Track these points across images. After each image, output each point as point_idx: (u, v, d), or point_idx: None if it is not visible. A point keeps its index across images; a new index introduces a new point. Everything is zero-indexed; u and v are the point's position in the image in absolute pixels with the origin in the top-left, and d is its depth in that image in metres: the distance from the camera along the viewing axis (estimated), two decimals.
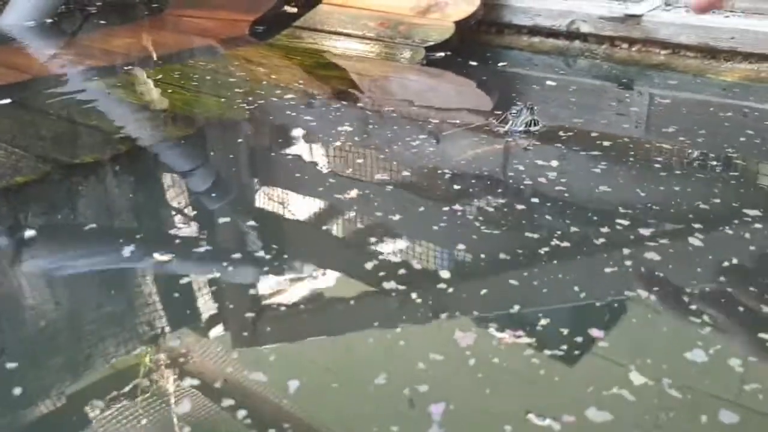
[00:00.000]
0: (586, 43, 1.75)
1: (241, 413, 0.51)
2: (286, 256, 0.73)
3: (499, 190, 0.98)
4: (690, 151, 1.10)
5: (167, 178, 1.03)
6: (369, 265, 0.73)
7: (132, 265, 0.78)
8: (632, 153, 1.08)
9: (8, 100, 1.38)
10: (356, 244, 0.76)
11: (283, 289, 0.68)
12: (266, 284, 0.69)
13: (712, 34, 1.60)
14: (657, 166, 1.05)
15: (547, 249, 0.83)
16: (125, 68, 1.60)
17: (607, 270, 0.79)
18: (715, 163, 1.07)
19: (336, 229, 0.82)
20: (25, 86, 1.51)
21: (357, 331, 0.63)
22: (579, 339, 0.67)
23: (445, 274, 0.77)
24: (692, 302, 0.73)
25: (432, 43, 1.67)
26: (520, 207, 0.95)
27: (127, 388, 0.55)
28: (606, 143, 1.11)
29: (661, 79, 1.53)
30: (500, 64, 1.67)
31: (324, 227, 0.82)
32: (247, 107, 1.30)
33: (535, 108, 1.10)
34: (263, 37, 1.82)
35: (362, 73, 1.58)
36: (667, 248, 0.82)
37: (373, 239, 0.78)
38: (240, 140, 1.16)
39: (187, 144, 1.16)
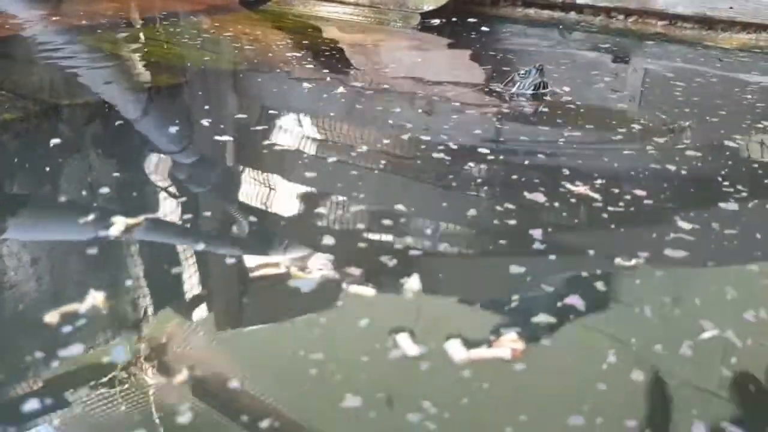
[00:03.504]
0: (581, 15, 1.76)
1: (225, 398, 0.47)
2: (268, 234, 0.68)
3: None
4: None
5: (149, 130, 0.99)
6: (361, 243, 0.66)
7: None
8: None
9: None
10: (346, 222, 0.70)
11: (267, 269, 0.62)
12: (248, 263, 0.63)
13: (710, 4, 1.59)
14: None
15: (563, 140, 0.86)
16: (110, 29, 1.58)
17: (626, 152, 0.81)
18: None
19: (323, 207, 0.73)
20: (11, 41, 1.47)
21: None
22: (629, 197, 0.68)
23: (483, 151, 0.79)
24: (725, 181, 0.75)
25: (426, 10, 1.67)
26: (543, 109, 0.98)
27: (106, 375, 0.49)
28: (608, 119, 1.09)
29: (660, 50, 1.52)
30: (494, 35, 1.66)
31: (309, 206, 0.74)
32: (230, 71, 1.27)
33: (545, 70, 1.03)
34: (253, 5, 1.82)
35: (353, 40, 1.57)
36: (695, 140, 0.86)
37: (365, 217, 0.71)
38: (219, 107, 1.07)
39: (168, 98, 1.13)
